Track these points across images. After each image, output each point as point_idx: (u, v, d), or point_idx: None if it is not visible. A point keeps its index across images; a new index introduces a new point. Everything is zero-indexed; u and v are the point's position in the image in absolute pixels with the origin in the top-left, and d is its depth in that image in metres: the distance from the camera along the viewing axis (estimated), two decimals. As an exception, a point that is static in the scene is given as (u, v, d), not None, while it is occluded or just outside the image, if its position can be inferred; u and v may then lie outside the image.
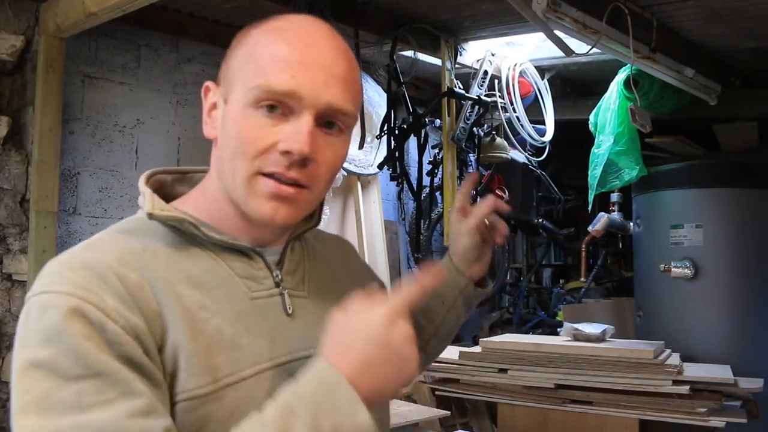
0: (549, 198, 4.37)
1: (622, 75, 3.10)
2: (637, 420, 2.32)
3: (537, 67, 3.63)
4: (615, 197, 3.84)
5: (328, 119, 0.84)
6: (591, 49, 2.46)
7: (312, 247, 1.01)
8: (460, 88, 3.30)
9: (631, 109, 2.84)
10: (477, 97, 3.31)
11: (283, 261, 0.92)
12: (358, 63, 0.90)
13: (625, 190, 3.62)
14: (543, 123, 3.71)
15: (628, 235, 3.82)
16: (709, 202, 3.12)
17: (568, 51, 2.50)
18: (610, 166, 3.17)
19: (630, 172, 3.13)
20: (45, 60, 2.62)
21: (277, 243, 0.93)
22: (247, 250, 0.88)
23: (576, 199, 4.48)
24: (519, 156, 3.79)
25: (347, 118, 0.86)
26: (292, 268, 0.93)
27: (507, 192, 3.90)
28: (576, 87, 4.00)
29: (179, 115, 3.16)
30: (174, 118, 3.14)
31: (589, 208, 3.45)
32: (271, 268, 0.90)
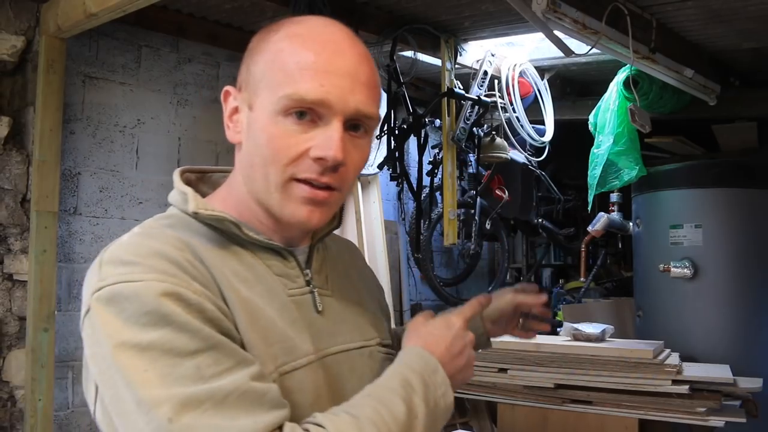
0: (549, 198, 4.37)
1: (621, 75, 3.11)
2: (637, 420, 2.32)
3: (537, 67, 3.63)
4: (614, 197, 3.84)
5: (355, 123, 0.87)
6: (591, 49, 2.47)
7: (329, 248, 1.05)
8: (460, 88, 3.30)
9: (630, 109, 2.85)
10: (477, 98, 3.31)
11: (311, 260, 0.97)
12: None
13: (625, 190, 3.62)
14: (543, 123, 3.71)
15: (628, 235, 3.82)
16: (708, 202, 3.12)
17: (567, 51, 2.50)
18: (609, 167, 3.18)
19: (629, 172, 3.13)
20: (46, 60, 2.63)
21: (303, 243, 0.97)
22: (281, 250, 0.92)
23: (576, 199, 4.47)
24: (519, 156, 3.79)
25: (372, 121, 0.90)
26: (318, 268, 0.98)
27: (507, 192, 3.91)
28: (576, 87, 4.00)
29: (180, 115, 3.16)
30: (174, 119, 3.15)
31: (589, 208, 3.45)
32: (302, 268, 0.94)
